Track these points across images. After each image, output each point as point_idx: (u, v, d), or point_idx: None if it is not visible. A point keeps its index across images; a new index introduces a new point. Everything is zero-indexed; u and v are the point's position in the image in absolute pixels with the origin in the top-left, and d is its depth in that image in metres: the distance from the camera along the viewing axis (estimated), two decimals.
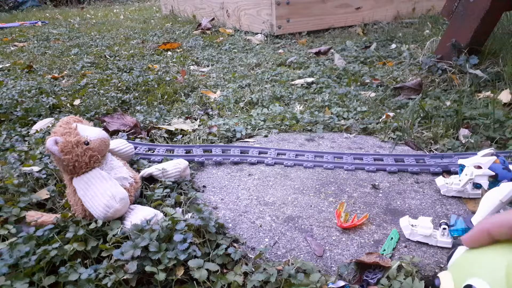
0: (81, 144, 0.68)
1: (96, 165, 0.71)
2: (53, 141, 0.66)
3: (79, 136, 0.69)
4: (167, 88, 1.60)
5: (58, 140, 0.66)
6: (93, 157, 0.70)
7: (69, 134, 0.68)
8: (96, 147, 0.70)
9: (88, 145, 0.69)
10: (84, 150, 0.68)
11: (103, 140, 0.73)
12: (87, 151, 0.69)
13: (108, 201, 0.67)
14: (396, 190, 0.85)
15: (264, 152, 1.03)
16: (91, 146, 0.70)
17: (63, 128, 0.69)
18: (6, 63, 2.24)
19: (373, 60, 1.92)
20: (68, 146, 0.67)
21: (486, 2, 1.45)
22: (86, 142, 0.69)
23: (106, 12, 5.71)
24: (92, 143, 0.70)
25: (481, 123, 1.10)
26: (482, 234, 0.40)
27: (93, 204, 0.68)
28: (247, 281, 0.60)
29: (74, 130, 0.69)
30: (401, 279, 0.59)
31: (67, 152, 0.67)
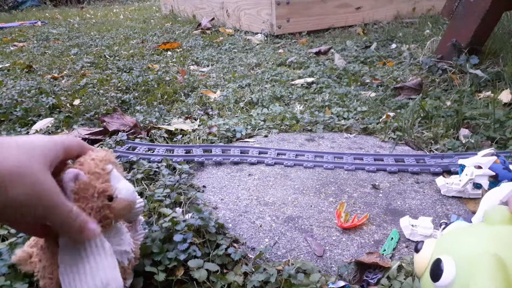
0: (105, 197, 0.48)
1: (105, 230, 0.49)
2: (73, 176, 0.46)
3: (107, 186, 0.48)
4: (167, 88, 1.60)
5: (81, 177, 0.46)
6: (107, 220, 0.48)
7: (97, 177, 0.48)
8: (118, 209, 0.49)
9: (111, 202, 0.48)
10: (102, 207, 0.47)
11: (130, 203, 0.51)
12: (106, 209, 0.48)
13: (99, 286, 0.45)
14: (396, 190, 0.85)
15: (264, 152, 1.03)
16: (114, 205, 0.48)
17: (94, 164, 0.48)
18: (5, 63, 2.23)
19: (373, 60, 1.92)
20: (87, 191, 0.46)
21: (486, 2, 1.45)
22: (111, 198, 0.48)
23: (105, 12, 5.71)
24: (117, 202, 0.49)
25: (482, 123, 1.10)
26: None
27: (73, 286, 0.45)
28: (247, 281, 0.59)
29: (107, 174, 0.49)
30: (402, 279, 0.59)
31: (81, 198, 0.46)
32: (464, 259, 0.40)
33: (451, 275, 0.40)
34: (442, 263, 0.41)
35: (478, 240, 0.42)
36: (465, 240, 0.43)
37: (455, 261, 0.41)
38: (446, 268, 0.40)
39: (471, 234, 0.44)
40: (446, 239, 0.46)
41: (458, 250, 0.42)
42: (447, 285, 0.40)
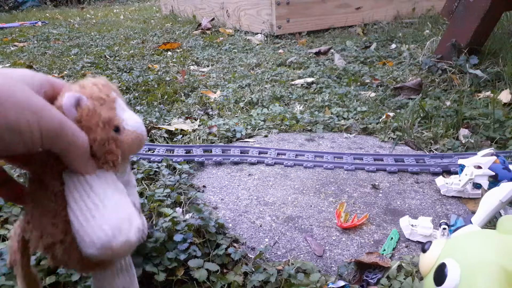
0: (111, 126, 0.40)
1: (111, 168, 0.41)
2: (74, 100, 0.38)
3: (113, 113, 0.40)
4: (167, 88, 1.60)
5: (83, 102, 0.38)
6: (112, 156, 0.40)
7: (101, 103, 0.40)
8: (126, 142, 0.41)
9: (118, 133, 0.41)
10: (109, 138, 0.40)
11: (140, 136, 0.43)
12: (112, 142, 0.40)
13: (121, 223, 0.37)
14: (396, 190, 0.86)
15: (264, 152, 1.03)
16: (122, 137, 0.41)
17: (97, 89, 0.41)
18: (6, 63, 2.24)
19: (373, 60, 1.92)
20: (91, 118, 0.38)
21: (486, 2, 1.45)
22: (117, 128, 0.40)
23: (106, 12, 5.72)
24: (125, 134, 0.41)
25: (481, 123, 1.10)
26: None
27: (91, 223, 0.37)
28: (247, 281, 0.60)
29: (112, 101, 0.41)
30: (401, 279, 0.59)
31: (85, 127, 0.38)
32: (469, 266, 0.39)
33: (454, 281, 0.39)
34: (447, 268, 0.40)
35: (486, 249, 0.40)
36: (473, 246, 0.42)
37: (460, 267, 0.40)
38: (450, 274, 0.39)
39: (480, 241, 0.42)
40: (454, 243, 0.45)
41: (465, 256, 0.41)
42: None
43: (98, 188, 0.38)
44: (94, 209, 0.37)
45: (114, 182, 0.40)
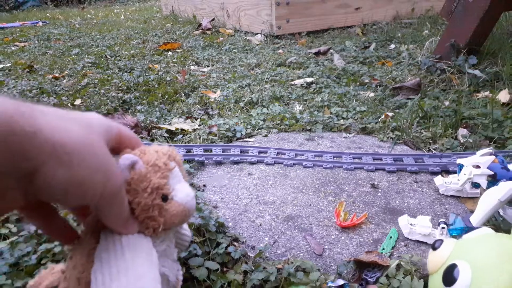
0: (159, 194, 0.40)
1: (151, 234, 0.41)
2: (129, 163, 0.39)
3: (164, 182, 0.41)
4: (168, 88, 1.60)
5: (137, 165, 0.39)
6: (153, 223, 0.40)
7: (156, 170, 0.41)
8: (171, 213, 0.41)
9: (165, 202, 0.41)
10: (154, 205, 0.40)
11: (186, 210, 0.43)
12: (156, 209, 0.40)
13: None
14: (395, 189, 0.86)
15: (264, 152, 1.03)
16: (167, 207, 0.41)
17: (156, 156, 0.41)
18: (7, 63, 2.24)
19: (372, 60, 1.92)
20: (141, 182, 0.39)
21: (485, 2, 1.46)
22: (165, 197, 0.41)
23: (106, 12, 5.72)
24: (172, 204, 0.41)
25: (480, 123, 1.11)
26: None
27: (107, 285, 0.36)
28: (247, 279, 0.60)
29: (167, 170, 0.42)
30: (400, 278, 0.59)
31: (132, 191, 0.39)
32: (481, 271, 0.39)
33: (466, 283, 0.39)
34: (458, 269, 0.40)
35: (499, 254, 0.40)
36: (486, 250, 0.41)
37: (472, 270, 0.39)
38: (462, 276, 0.39)
39: (493, 245, 0.42)
40: (466, 245, 0.44)
41: (476, 259, 0.40)
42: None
43: (129, 253, 0.38)
44: (115, 275, 0.36)
45: (149, 249, 0.40)
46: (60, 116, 0.31)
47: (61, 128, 0.30)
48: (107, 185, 0.33)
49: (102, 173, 0.32)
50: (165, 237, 0.44)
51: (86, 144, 0.31)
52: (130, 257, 0.38)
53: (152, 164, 0.40)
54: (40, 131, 0.28)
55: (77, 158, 0.30)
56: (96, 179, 0.32)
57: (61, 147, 0.29)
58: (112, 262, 0.37)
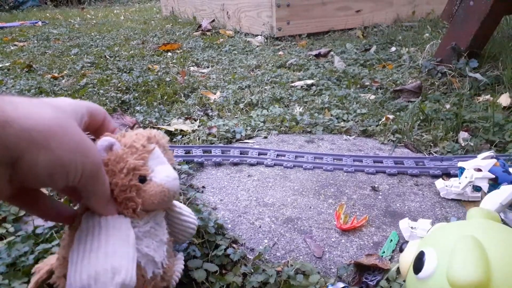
0: (135, 175, 0.41)
1: (131, 215, 0.42)
2: (107, 144, 0.40)
3: (141, 164, 0.41)
4: (167, 89, 1.60)
5: (115, 147, 0.40)
6: (133, 203, 0.41)
7: (133, 152, 0.41)
8: (149, 194, 0.42)
9: (144, 183, 0.41)
10: (131, 186, 0.41)
11: (166, 191, 0.43)
12: (133, 190, 0.41)
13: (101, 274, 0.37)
14: (395, 192, 0.85)
15: (263, 153, 1.03)
16: (146, 188, 0.41)
17: (136, 138, 0.42)
18: (6, 62, 2.23)
19: (373, 63, 1.92)
20: (118, 163, 0.40)
21: (486, 5, 1.46)
22: (143, 179, 0.41)
23: (106, 12, 5.72)
24: (150, 186, 0.42)
25: (481, 126, 1.10)
26: None
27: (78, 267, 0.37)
28: (246, 282, 0.59)
29: (145, 152, 0.42)
30: (401, 281, 0.59)
31: (110, 171, 0.40)
32: (445, 247, 0.41)
33: (432, 265, 0.40)
34: (424, 254, 0.42)
35: (457, 230, 0.43)
36: (446, 232, 0.44)
37: (436, 252, 0.41)
38: (428, 259, 0.41)
39: (451, 227, 0.45)
40: (429, 235, 0.47)
41: (439, 241, 0.43)
42: (428, 276, 0.40)
43: (104, 233, 0.39)
44: (88, 253, 0.38)
45: (126, 230, 0.40)
46: (29, 103, 0.32)
47: (33, 114, 0.31)
48: (86, 164, 0.34)
49: (80, 152, 0.34)
50: (149, 219, 0.44)
51: (61, 126, 0.32)
52: (104, 237, 0.39)
53: (129, 145, 0.41)
54: (13, 121, 0.29)
55: (54, 140, 0.31)
56: (75, 158, 0.33)
57: (37, 132, 0.30)
58: (88, 242, 0.38)
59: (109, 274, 0.37)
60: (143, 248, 0.43)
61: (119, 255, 0.38)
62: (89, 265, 0.37)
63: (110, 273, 0.37)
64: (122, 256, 0.38)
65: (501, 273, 0.36)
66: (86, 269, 0.37)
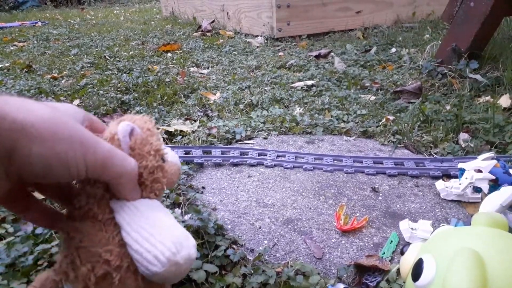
0: (160, 155, 0.42)
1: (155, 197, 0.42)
2: (129, 129, 0.40)
3: (161, 144, 0.43)
4: (167, 89, 1.60)
5: (136, 132, 0.40)
6: (158, 185, 0.41)
7: (151, 134, 0.42)
8: (171, 173, 0.44)
9: (164, 163, 0.43)
10: (157, 167, 0.41)
11: (179, 169, 0.46)
12: (159, 170, 0.41)
13: (182, 239, 0.37)
14: (395, 193, 0.85)
15: (263, 154, 1.02)
16: (167, 168, 0.43)
17: (144, 122, 0.43)
18: (5, 62, 2.23)
19: (373, 64, 1.92)
20: (144, 146, 0.40)
21: (486, 7, 1.46)
22: (163, 159, 0.43)
23: (106, 13, 5.72)
24: (169, 165, 0.44)
25: (481, 127, 1.10)
26: None
27: (152, 241, 0.36)
28: (246, 283, 0.59)
29: (158, 134, 0.43)
30: (401, 282, 0.58)
31: (138, 155, 0.40)
32: (444, 257, 0.40)
33: (431, 274, 0.40)
34: (423, 262, 0.41)
35: (458, 239, 0.42)
36: (447, 239, 0.44)
37: (435, 260, 0.41)
38: (426, 267, 0.41)
39: (453, 234, 0.44)
40: (431, 241, 0.46)
41: (439, 249, 0.42)
42: (426, 284, 0.40)
43: (149, 212, 0.39)
44: (150, 228, 0.37)
45: (162, 207, 0.41)
46: (22, 101, 0.32)
47: (26, 108, 0.31)
48: (87, 154, 0.34)
49: (78, 143, 0.33)
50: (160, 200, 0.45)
51: (54, 118, 0.33)
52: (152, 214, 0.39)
53: (147, 128, 0.41)
54: (6, 114, 0.30)
55: (48, 132, 0.31)
56: (74, 149, 0.33)
57: (30, 124, 0.30)
58: (140, 221, 0.38)
59: (186, 239, 0.37)
60: None
61: (178, 225, 0.39)
62: (166, 235, 0.36)
63: (186, 237, 0.38)
64: (180, 225, 0.39)
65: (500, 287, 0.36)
66: (166, 239, 0.36)
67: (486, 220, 0.44)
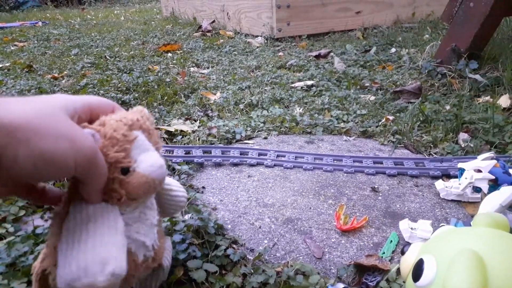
0: (117, 168, 0.40)
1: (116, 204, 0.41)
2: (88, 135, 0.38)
3: (123, 155, 0.40)
4: (167, 89, 1.60)
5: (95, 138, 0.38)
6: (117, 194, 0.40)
7: (113, 144, 0.39)
8: (133, 185, 0.40)
9: (126, 175, 0.40)
10: (114, 178, 0.40)
11: (150, 181, 0.41)
12: (117, 181, 0.40)
13: (90, 265, 0.35)
14: (395, 193, 0.85)
15: (263, 154, 1.03)
16: (129, 179, 0.40)
17: (116, 127, 0.40)
18: (6, 62, 2.23)
19: (373, 64, 1.92)
20: None
21: (486, 7, 1.46)
22: (126, 170, 0.40)
23: (106, 13, 5.72)
24: (134, 177, 0.40)
25: (481, 127, 1.10)
26: None
27: (68, 258, 0.36)
28: (246, 282, 0.59)
29: (128, 141, 0.40)
30: (401, 282, 0.59)
31: None
32: (445, 258, 0.40)
33: (431, 274, 0.40)
34: (424, 262, 0.42)
35: (459, 240, 0.42)
36: (447, 240, 0.44)
37: (436, 261, 0.41)
38: (427, 268, 0.41)
39: (454, 235, 0.44)
40: (431, 241, 0.46)
41: (440, 249, 0.42)
42: (427, 284, 0.40)
43: (92, 223, 0.38)
44: (76, 244, 0.37)
45: (114, 218, 0.40)
46: (8, 102, 0.32)
47: (11, 111, 0.31)
48: (78, 151, 0.33)
49: (67, 141, 0.33)
50: (137, 205, 0.43)
51: (40, 117, 0.32)
52: (93, 226, 0.38)
53: (109, 137, 0.39)
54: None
55: (33, 132, 0.31)
56: (62, 147, 0.32)
57: (15, 127, 0.30)
58: (76, 232, 0.38)
59: (99, 265, 0.36)
60: (133, 234, 0.43)
61: (108, 245, 0.37)
62: (78, 257, 0.36)
63: (100, 264, 0.36)
64: (111, 245, 0.38)
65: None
66: (75, 261, 0.36)
67: (487, 220, 0.44)
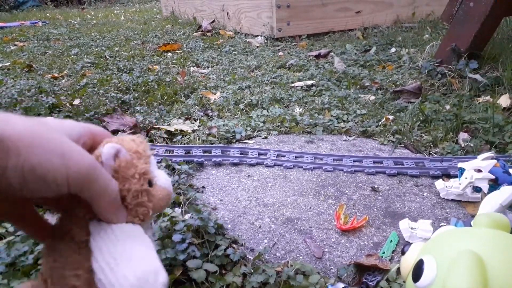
0: (145, 179, 0.40)
1: (140, 222, 0.41)
2: (114, 151, 0.38)
3: (148, 168, 0.41)
4: (167, 89, 1.60)
5: (122, 153, 0.39)
6: (143, 209, 0.40)
7: (139, 157, 0.41)
8: (158, 198, 0.42)
9: (151, 188, 0.41)
10: (143, 190, 0.40)
11: (169, 194, 0.44)
12: (144, 194, 0.40)
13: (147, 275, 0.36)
14: (395, 193, 0.85)
15: (263, 154, 1.03)
16: (154, 192, 0.41)
17: (136, 144, 0.41)
18: (6, 62, 2.23)
19: (373, 64, 1.92)
20: (128, 169, 0.39)
21: (486, 7, 1.46)
22: (150, 183, 0.41)
23: (106, 13, 5.72)
24: (157, 189, 0.42)
25: (481, 127, 1.10)
26: None
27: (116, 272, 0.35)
28: (246, 282, 0.59)
29: (147, 157, 0.42)
30: (401, 282, 0.59)
31: (121, 178, 0.39)
32: (445, 258, 0.40)
33: (431, 275, 0.40)
34: (424, 262, 0.41)
35: (459, 241, 0.42)
36: (448, 241, 0.43)
37: (436, 261, 0.41)
38: (427, 268, 0.41)
39: (454, 235, 0.44)
40: (432, 241, 0.46)
41: (440, 250, 0.42)
42: (427, 285, 0.40)
43: (125, 239, 0.37)
44: (119, 258, 0.35)
45: (142, 235, 0.39)
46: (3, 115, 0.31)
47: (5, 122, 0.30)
48: (70, 167, 0.32)
49: (59, 156, 0.32)
50: (147, 226, 0.43)
51: (33, 131, 0.31)
52: (129, 242, 0.37)
53: (135, 151, 0.40)
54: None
55: (24, 144, 0.30)
56: (53, 162, 0.31)
57: (6, 139, 0.30)
58: (111, 249, 0.36)
59: (153, 275, 0.36)
60: None
61: (153, 257, 0.37)
62: (130, 268, 0.35)
63: (154, 274, 0.36)
64: (155, 258, 0.38)
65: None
66: (130, 272, 0.35)
67: (487, 221, 0.44)
